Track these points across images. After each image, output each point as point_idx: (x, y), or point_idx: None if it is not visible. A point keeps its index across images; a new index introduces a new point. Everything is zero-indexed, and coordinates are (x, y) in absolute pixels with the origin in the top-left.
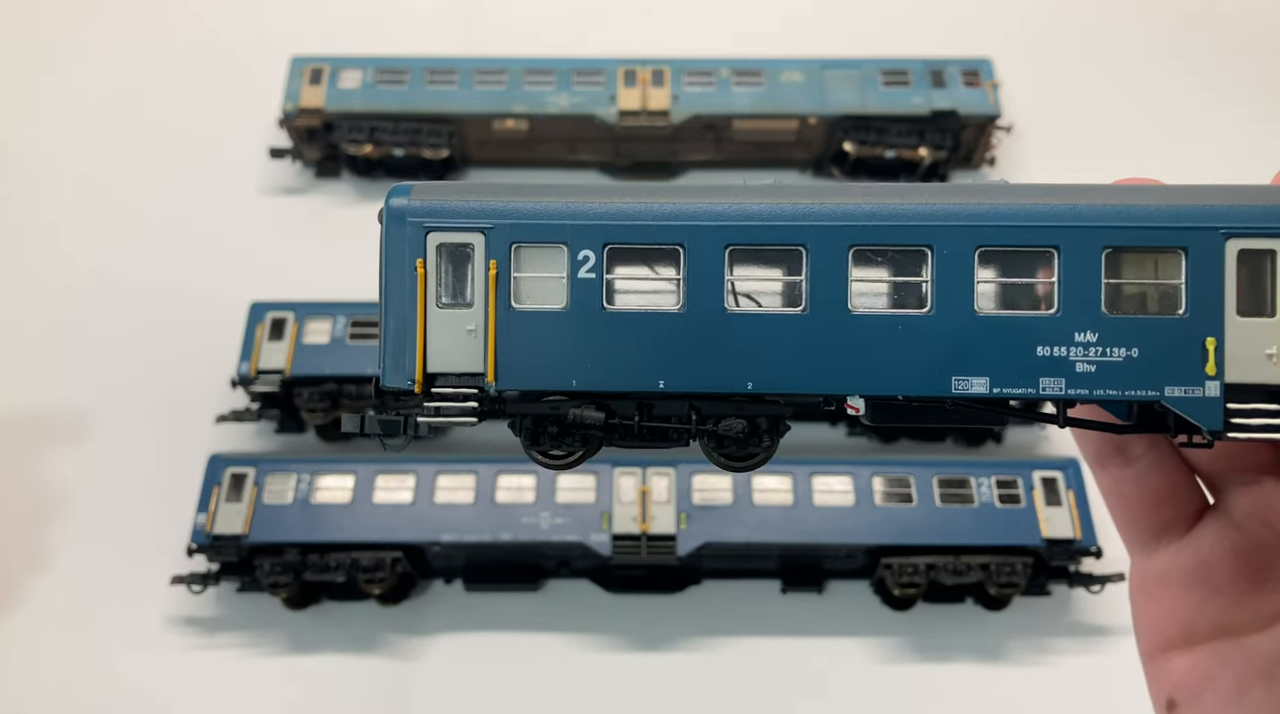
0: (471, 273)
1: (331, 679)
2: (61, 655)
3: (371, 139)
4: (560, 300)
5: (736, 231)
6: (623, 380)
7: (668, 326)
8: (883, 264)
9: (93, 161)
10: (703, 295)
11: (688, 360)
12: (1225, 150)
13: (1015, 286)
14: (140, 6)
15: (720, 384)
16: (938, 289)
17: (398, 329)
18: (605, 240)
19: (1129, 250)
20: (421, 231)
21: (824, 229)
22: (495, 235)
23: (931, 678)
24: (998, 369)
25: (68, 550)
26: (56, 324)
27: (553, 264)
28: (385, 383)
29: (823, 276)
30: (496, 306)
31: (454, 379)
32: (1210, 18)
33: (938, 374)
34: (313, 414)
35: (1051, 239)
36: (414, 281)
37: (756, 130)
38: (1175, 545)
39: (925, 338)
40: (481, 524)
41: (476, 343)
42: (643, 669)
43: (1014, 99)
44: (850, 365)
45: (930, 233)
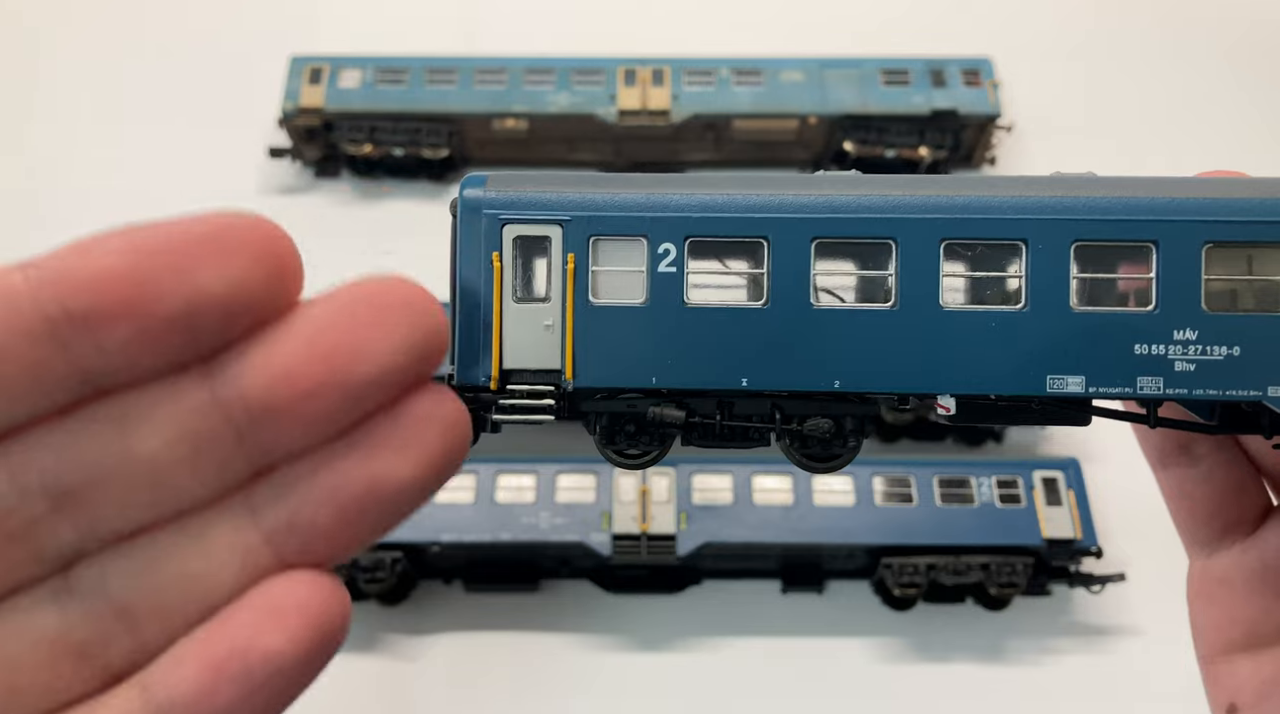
0: (549, 267)
1: (331, 679)
2: None
3: (371, 139)
4: (639, 295)
5: (823, 224)
6: (703, 378)
7: (751, 322)
8: (975, 258)
9: (91, 161)
10: (787, 290)
11: (771, 358)
12: (1227, 150)
13: (1111, 283)
14: (139, 6)
15: (805, 382)
16: (1032, 285)
17: (472, 325)
18: (687, 233)
19: (1229, 245)
20: (497, 224)
21: (915, 222)
22: (573, 228)
23: (931, 678)
24: (1094, 368)
25: None
26: None
27: (632, 258)
28: (459, 380)
29: (913, 271)
30: (574, 301)
31: (530, 376)
32: (1212, 17)
33: (1032, 373)
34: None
35: (1150, 233)
36: (490, 275)
37: (757, 130)
38: (1239, 546)
39: (1019, 335)
40: (481, 524)
41: (553, 338)
42: (643, 669)
43: (1014, 99)
44: (941, 363)
45: (1025, 226)
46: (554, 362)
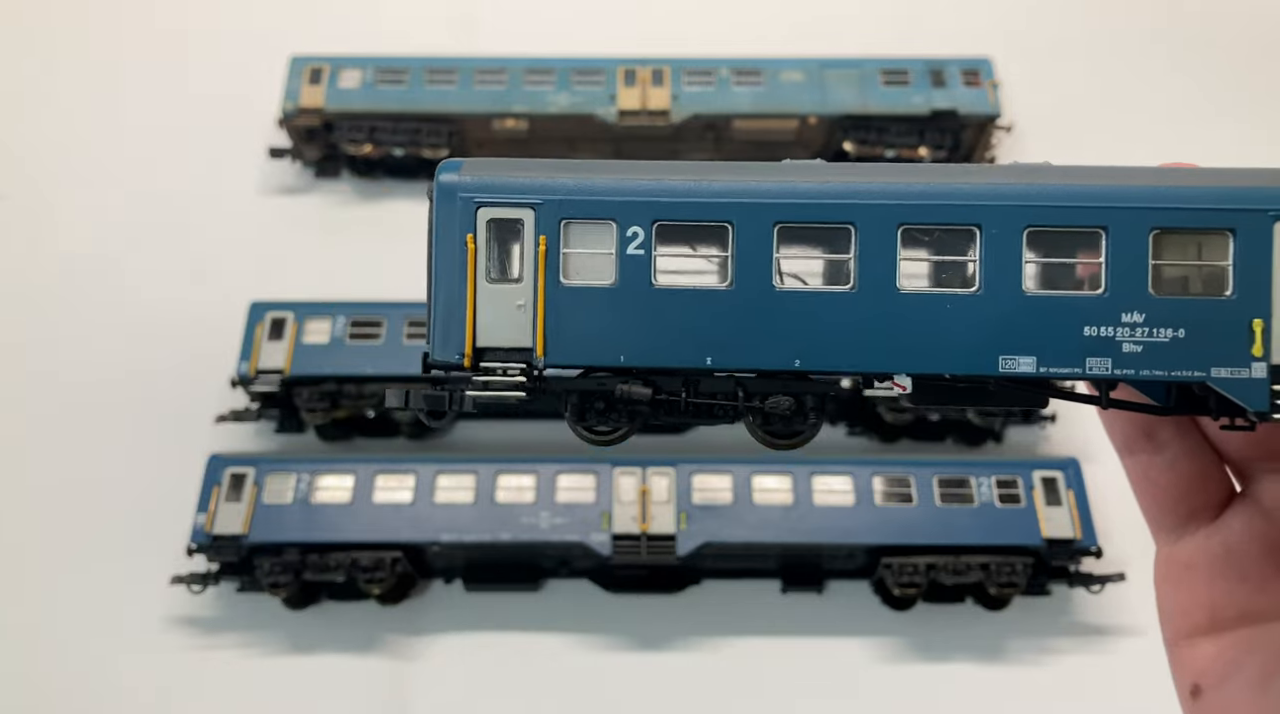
0: (521, 248)
1: (331, 679)
2: (61, 655)
3: (371, 139)
4: (609, 277)
5: (786, 209)
6: (670, 357)
7: (715, 304)
8: (931, 243)
9: (92, 161)
10: (751, 273)
11: (735, 338)
12: (1227, 149)
13: (1061, 267)
14: (140, 6)
15: (767, 361)
16: (986, 268)
17: (447, 304)
18: (654, 217)
19: (1176, 231)
20: (472, 207)
21: (874, 208)
22: (545, 211)
23: (931, 678)
24: (1044, 349)
25: (67, 550)
26: (55, 324)
27: (601, 241)
28: (434, 357)
29: (871, 255)
30: (546, 282)
31: (503, 353)
32: (1211, 17)
33: (985, 353)
34: (312, 414)
35: (1099, 219)
36: (464, 257)
37: (756, 130)
38: (1203, 532)
39: (973, 317)
40: (481, 524)
41: (525, 318)
42: (643, 669)
43: (1014, 99)
44: (898, 344)
45: (979, 212)
46: (525, 340)
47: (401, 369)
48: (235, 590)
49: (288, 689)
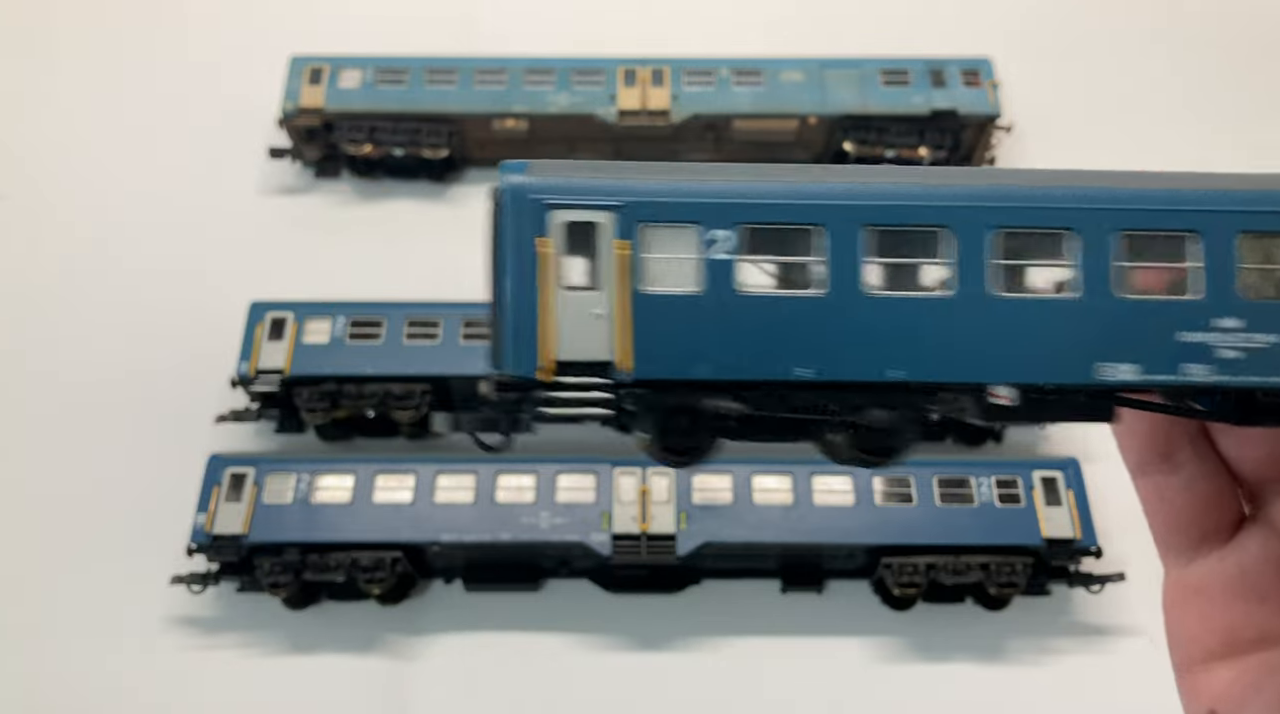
0: (598, 253)
1: (331, 679)
2: (61, 655)
3: (371, 139)
4: (692, 283)
5: (877, 211)
6: (759, 368)
7: (806, 311)
8: (1026, 246)
9: (91, 161)
10: (842, 278)
11: (826, 347)
12: (1226, 149)
13: (1154, 271)
14: (140, 6)
15: (862, 372)
16: (1084, 273)
17: (517, 313)
18: (739, 219)
19: (1267, 235)
20: (544, 209)
21: (970, 210)
22: (623, 213)
23: (931, 678)
24: (1143, 355)
25: (67, 550)
26: (55, 323)
27: (684, 245)
28: (508, 371)
29: (969, 259)
30: (627, 288)
31: (581, 367)
32: (1211, 17)
33: (1087, 360)
34: (312, 414)
35: (1192, 223)
36: (536, 262)
37: (756, 130)
38: (1217, 554)
39: (1072, 323)
40: (481, 524)
41: (605, 327)
42: (643, 669)
43: (1014, 99)
44: (997, 352)
45: (1075, 216)
46: (604, 352)
47: (401, 369)
48: (235, 590)
49: (288, 689)
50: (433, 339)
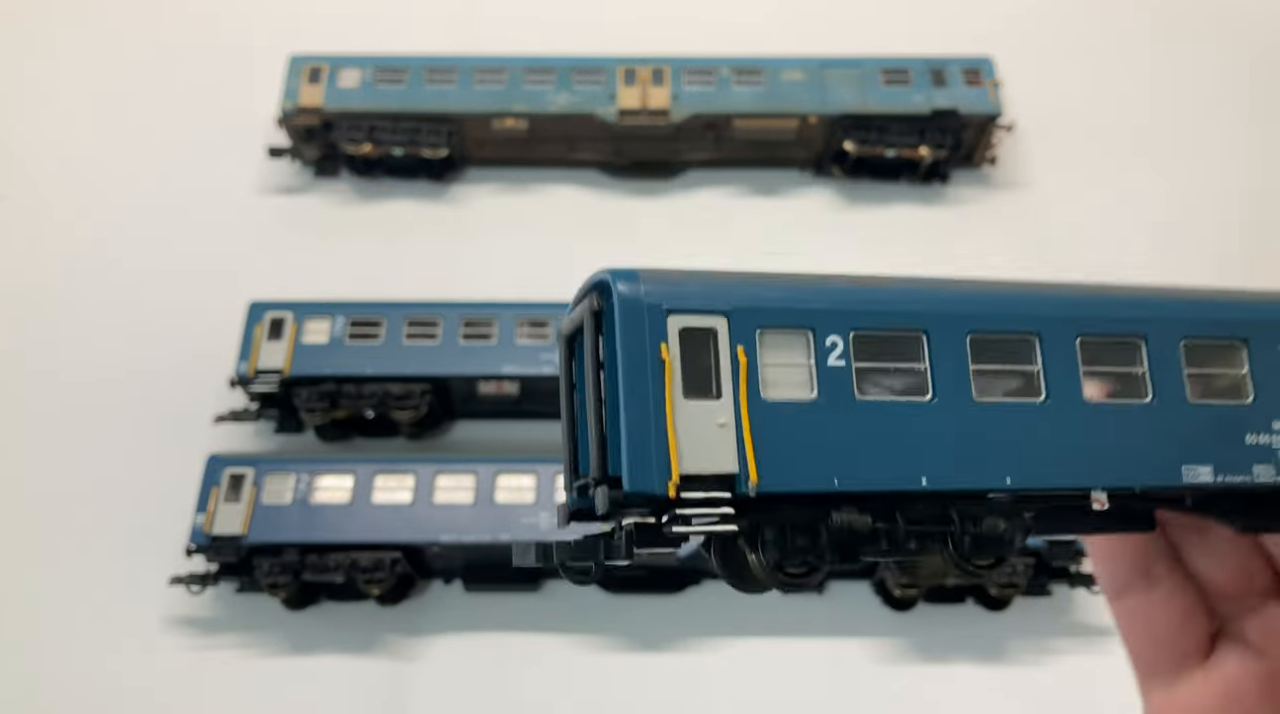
0: (714, 361)
1: (331, 680)
2: (60, 655)
3: (371, 138)
4: (809, 390)
5: (978, 319)
6: (884, 478)
7: (921, 417)
8: (1105, 355)
9: (91, 161)
10: (950, 384)
11: (945, 455)
12: (1226, 149)
13: (1212, 377)
14: (139, 6)
15: (980, 480)
16: (1154, 379)
17: (639, 425)
18: (852, 326)
19: None
20: (662, 315)
21: (1056, 320)
22: (738, 319)
23: (932, 678)
24: (1218, 457)
25: (66, 551)
26: (54, 323)
27: (798, 352)
28: (631, 487)
29: (1057, 366)
30: (748, 397)
31: (704, 482)
32: (1211, 18)
33: (1171, 464)
34: (312, 414)
35: (1241, 333)
36: (658, 369)
37: (757, 129)
38: (1200, 673)
39: (1152, 428)
40: (481, 524)
41: (728, 438)
42: (643, 669)
43: (1015, 98)
44: (1093, 457)
45: (1145, 324)
46: (729, 464)
47: (401, 369)
48: (234, 591)
49: (287, 689)
50: (432, 339)
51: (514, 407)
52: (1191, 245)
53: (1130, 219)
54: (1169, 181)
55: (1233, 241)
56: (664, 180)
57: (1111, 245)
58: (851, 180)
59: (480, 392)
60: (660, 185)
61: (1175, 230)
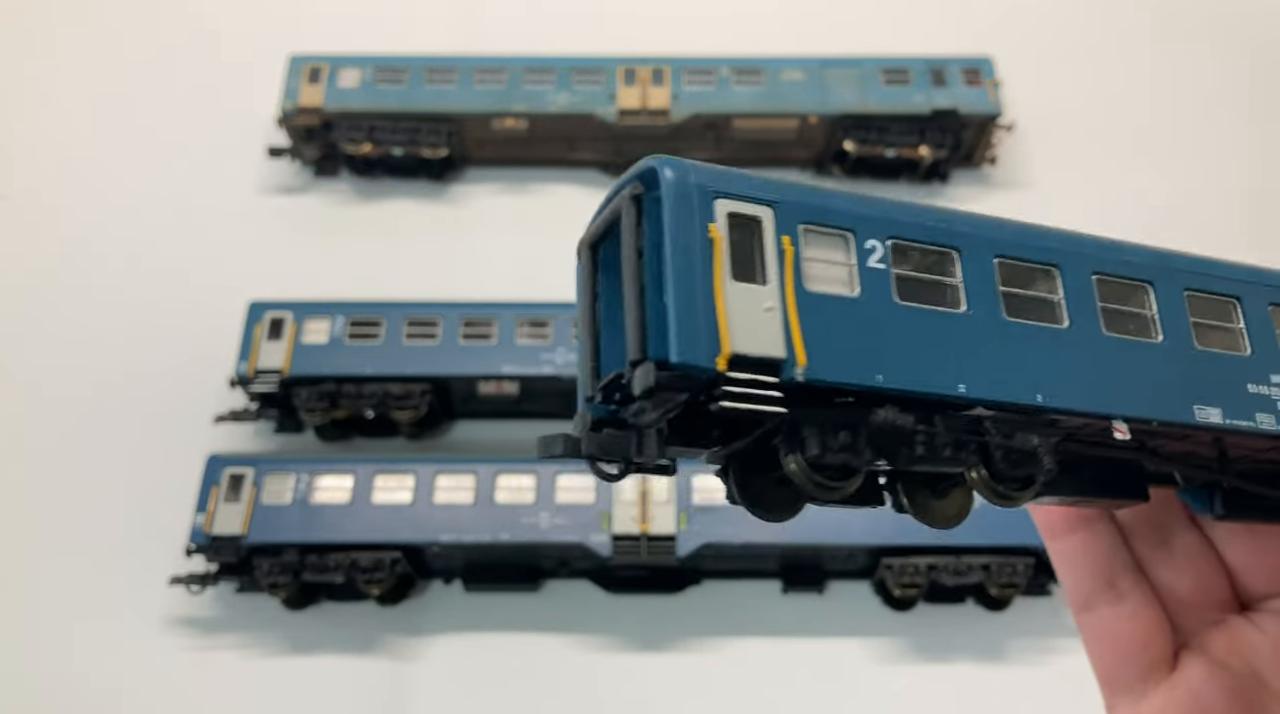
0: (760, 249)
1: (331, 680)
2: (59, 656)
3: (370, 138)
4: (852, 287)
5: (1004, 245)
6: (926, 381)
7: (957, 329)
8: (1117, 294)
9: (90, 160)
10: (981, 300)
11: (981, 366)
12: (1226, 148)
13: (1214, 327)
14: (139, 5)
15: (1013, 394)
16: (1163, 321)
17: (688, 301)
18: (890, 234)
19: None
20: (709, 196)
21: (1073, 255)
22: (783, 211)
23: (932, 678)
24: (1224, 402)
25: (65, 551)
26: (53, 323)
27: (841, 251)
28: (680, 358)
29: (1076, 297)
30: (794, 285)
31: (753, 363)
32: (1211, 17)
33: (1184, 401)
34: (311, 414)
35: (1234, 291)
36: (706, 248)
37: (757, 129)
38: (1165, 687)
39: (1165, 366)
40: (481, 524)
41: (775, 323)
42: (643, 669)
43: (1015, 98)
44: (1115, 386)
45: (1152, 271)
46: (778, 349)
47: (401, 369)
48: (234, 591)
49: (287, 690)
50: (432, 339)
51: (514, 406)
52: (1191, 244)
53: (1130, 219)
54: (1169, 181)
55: (1233, 240)
56: None
57: None
58: (852, 180)
59: (480, 392)
60: None
61: (1175, 230)
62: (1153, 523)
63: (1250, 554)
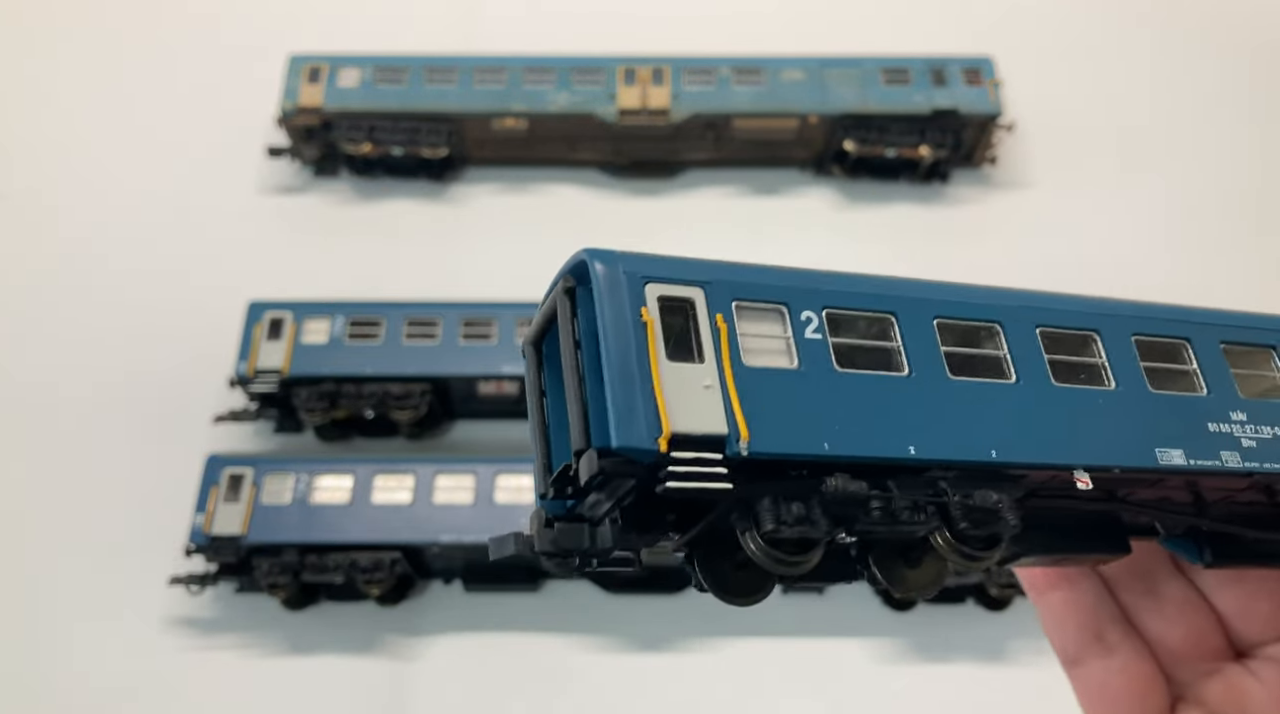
0: (694, 329)
1: (330, 680)
2: (59, 656)
3: (370, 138)
4: (790, 360)
5: (942, 305)
6: (872, 445)
7: (903, 391)
8: (1064, 345)
9: (90, 160)
10: (924, 362)
11: (928, 427)
12: (1226, 148)
13: (1167, 371)
14: (139, 6)
15: (965, 453)
16: (1114, 369)
17: (625, 386)
18: (824, 304)
19: (1238, 346)
20: (639, 282)
21: (1015, 310)
22: (714, 291)
23: (932, 678)
24: (1186, 443)
25: (65, 551)
26: (53, 323)
27: (776, 324)
28: (621, 442)
29: (1022, 352)
30: (731, 360)
31: (694, 441)
32: (1211, 17)
33: (1145, 446)
34: (311, 414)
35: (1183, 332)
36: (640, 332)
37: (757, 129)
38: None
39: (1121, 412)
40: (480, 524)
41: (715, 399)
42: (643, 669)
43: (1015, 97)
44: (1070, 437)
45: (1097, 319)
46: (718, 424)
47: (400, 369)
48: (234, 591)
49: (287, 690)
50: (432, 339)
51: (514, 407)
52: (1191, 244)
53: (1131, 218)
54: (1169, 181)
55: (1233, 240)
56: (664, 180)
57: (1111, 244)
58: (852, 180)
59: (480, 392)
60: (660, 185)
61: (1175, 229)
62: (1138, 573)
63: (1240, 600)
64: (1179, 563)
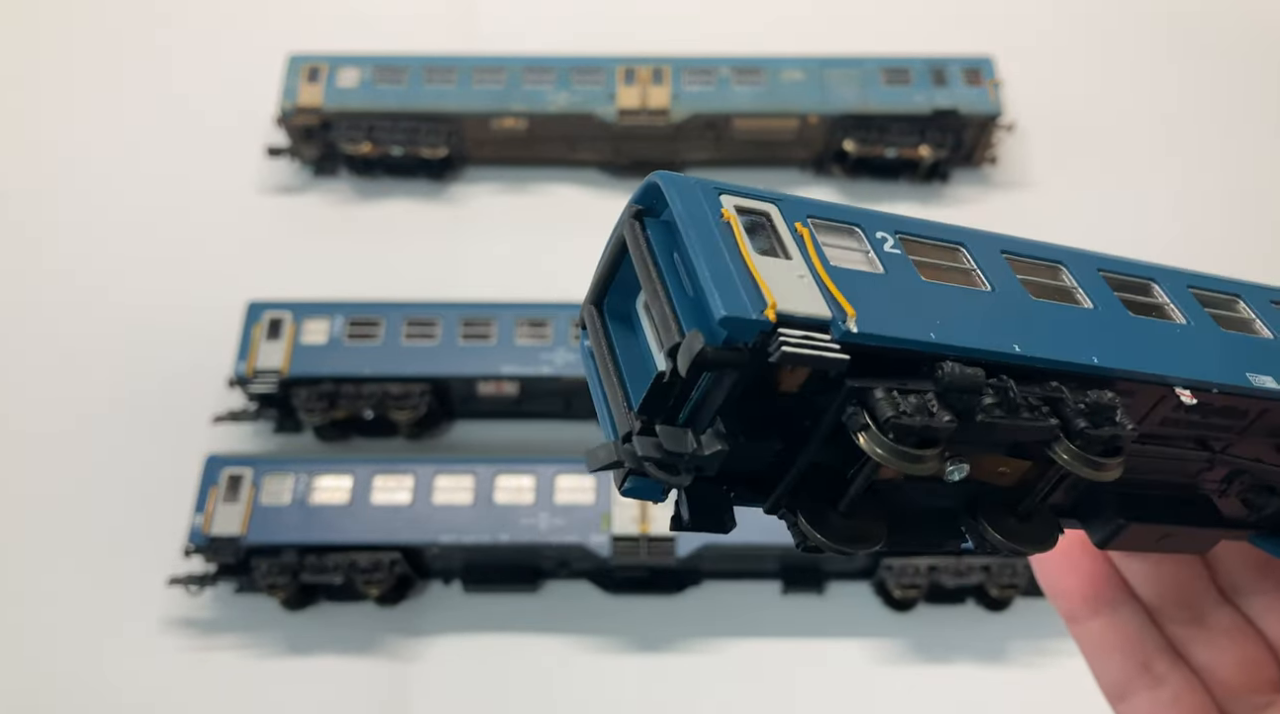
0: (776, 234)
1: (329, 681)
2: (56, 658)
3: (370, 138)
4: (875, 266)
5: (1007, 242)
6: (978, 339)
7: (991, 303)
8: (1129, 288)
9: (89, 160)
10: (1003, 283)
11: (1022, 333)
12: (1227, 148)
13: (1229, 317)
14: (137, 4)
15: (1069, 354)
16: (1180, 307)
17: (719, 267)
18: (896, 228)
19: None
20: (714, 192)
21: (1076, 256)
22: (787, 207)
23: (932, 679)
24: (1273, 371)
25: (62, 551)
26: (52, 323)
27: (854, 239)
28: (725, 312)
29: (1090, 286)
30: (819, 259)
31: (800, 321)
32: (1212, 17)
33: (1233, 369)
34: (310, 414)
35: (1234, 290)
36: (726, 229)
37: (757, 129)
38: None
39: (1198, 342)
40: (480, 525)
41: (812, 287)
42: (643, 670)
43: (1016, 97)
44: (1159, 356)
45: (1152, 271)
46: (822, 308)
47: (400, 369)
48: (233, 592)
49: (286, 691)
50: (431, 339)
51: (514, 407)
52: (1194, 243)
53: (1131, 218)
54: (1170, 181)
55: (1236, 239)
56: None
57: (1112, 244)
58: (852, 180)
59: (480, 392)
60: None
61: (1177, 229)
62: (1182, 601)
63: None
64: (1225, 592)
